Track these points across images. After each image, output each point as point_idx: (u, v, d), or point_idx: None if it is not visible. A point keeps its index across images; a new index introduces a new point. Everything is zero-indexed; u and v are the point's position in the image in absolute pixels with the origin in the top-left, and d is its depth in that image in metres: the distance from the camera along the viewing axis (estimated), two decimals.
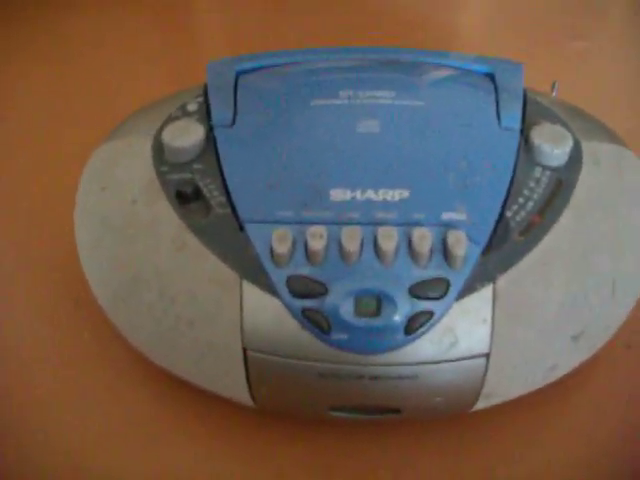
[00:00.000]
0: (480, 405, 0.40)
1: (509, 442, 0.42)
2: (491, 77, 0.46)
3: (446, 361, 0.37)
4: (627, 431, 0.43)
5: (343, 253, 0.36)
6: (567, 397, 0.44)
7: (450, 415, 0.42)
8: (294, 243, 0.37)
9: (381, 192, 0.38)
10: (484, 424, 0.42)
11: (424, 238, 0.36)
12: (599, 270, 0.39)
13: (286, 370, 0.38)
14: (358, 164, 0.39)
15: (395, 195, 0.38)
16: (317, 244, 0.36)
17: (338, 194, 0.38)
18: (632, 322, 0.43)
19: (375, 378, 0.37)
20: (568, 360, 0.40)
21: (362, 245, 0.37)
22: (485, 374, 0.38)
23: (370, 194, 0.38)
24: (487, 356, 0.37)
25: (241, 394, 0.40)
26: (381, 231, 0.37)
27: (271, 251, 0.37)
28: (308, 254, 0.36)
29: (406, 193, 0.38)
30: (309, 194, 0.38)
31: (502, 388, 0.40)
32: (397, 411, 0.40)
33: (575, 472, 0.41)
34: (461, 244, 0.36)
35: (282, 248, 0.36)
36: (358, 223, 0.37)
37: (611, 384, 0.45)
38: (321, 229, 0.37)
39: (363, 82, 0.44)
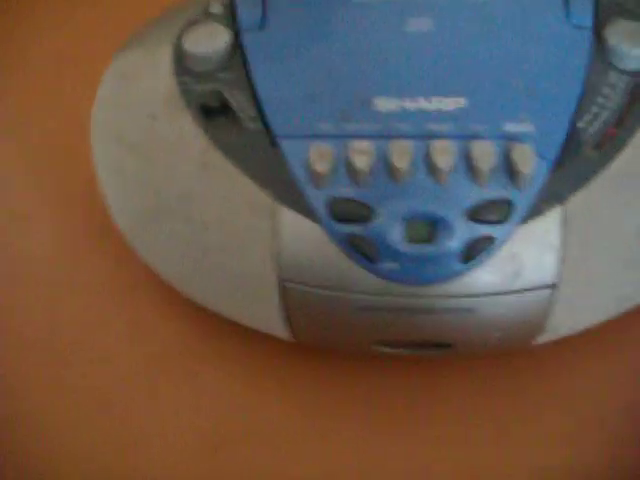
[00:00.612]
0: (542, 339, 0.36)
1: (567, 381, 0.38)
2: None
3: (509, 292, 0.33)
4: None
5: (392, 171, 0.32)
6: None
7: (506, 351, 0.38)
8: (335, 160, 0.32)
9: (434, 100, 0.33)
10: (543, 361, 0.38)
11: (485, 153, 0.32)
12: None
13: (328, 303, 0.34)
14: (407, 68, 0.34)
15: (450, 103, 0.33)
16: (362, 161, 0.32)
17: (385, 103, 0.33)
18: None
19: (428, 311, 0.33)
20: None
21: (413, 162, 0.32)
22: (551, 306, 0.34)
23: (421, 102, 0.33)
24: (554, 287, 0.33)
25: (279, 328, 0.36)
26: (435, 145, 0.32)
27: (309, 170, 0.32)
28: (351, 173, 0.32)
29: (463, 101, 0.33)
30: (351, 104, 0.33)
31: (569, 321, 0.36)
32: (448, 346, 0.36)
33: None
34: (527, 160, 0.32)
35: (322, 166, 0.32)
36: (408, 136, 0.32)
37: None
38: (366, 144, 0.32)
39: None
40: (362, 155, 0.32)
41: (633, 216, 0.34)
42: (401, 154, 0.32)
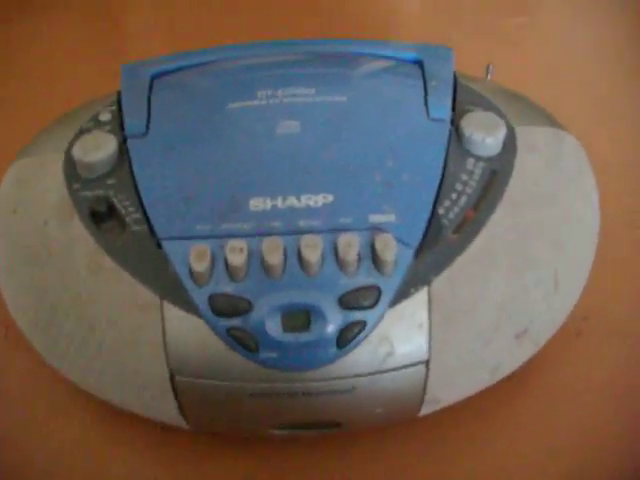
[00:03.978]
0: (424, 411, 0.38)
1: (456, 445, 0.41)
2: (420, 64, 0.44)
3: (384, 371, 0.35)
4: (581, 426, 0.41)
5: (266, 266, 0.34)
6: (515, 394, 0.42)
7: (395, 423, 0.40)
8: (213, 259, 0.35)
9: (303, 198, 0.36)
10: (431, 429, 0.41)
11: (351, 244, 0.34)
12: (539, 263, 0.38)
13: (217, 392, 0.36)
14: (278, 169, 0.37)
15: (318, 200, 0.36)
16: (237, 259, 0.34)
17: (258, 203, 0.36)
18: (580, 309, 0.41)
19: (310, 394, 0.35)
20: (513, 359, 0.39)
21: (285, 256, 0.35)
22: (426, 381, 0.36)
23: (292, 201, 0.36)
24: (427, 363, 0.36)
25: (173, 418, 0.38)
26: (304, 240, 0.34)
27: (190, 269, 0.34)
28: (229, 270, 0.34)
29: (330, 197, 0.36)
30: (228, 205, 0.36)
31: (445, 393, 0.38)
32: (338, 425, 0.38)
33: (525, 473, 0.39)
34: (390, 248, 0.34)
35: (201, 266, 0.34)
36: (280, 233, 0.35)
37: (561, 376, 0.43)
38: (241, 242, 0.34)
39: (282, 79, 0.42)
40: (237, 253, 0.34)
41: (493, 292, 0.36)
42: (273, 250, 0.34)
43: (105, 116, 0.42)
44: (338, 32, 0.61)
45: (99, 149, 0.39)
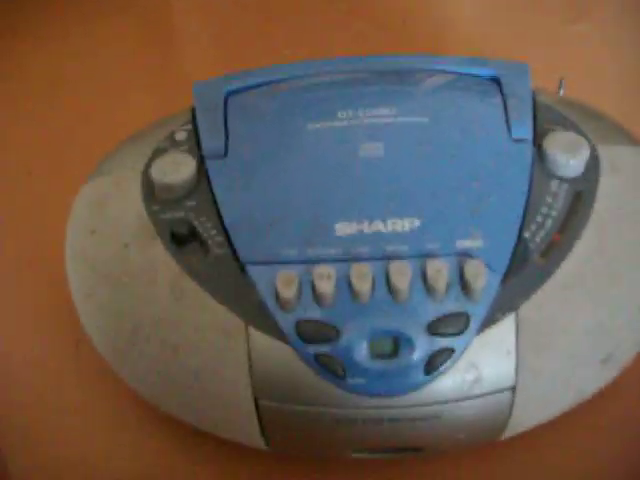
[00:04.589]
0: (506, 435, 0.38)
1: (534, 469, 0.40)
2: (496, 81, 0.43)
3: (470, 398, 0.35)
4: None
5: (354, 293, 0.34)
6: (595, 415, 0.42)
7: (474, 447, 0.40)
8: (300, 285, 0.34)
9: (390, 222, 0.36)
10: (510, 452, 0.40)
11: (440, 271, 0.34)
12: (626, 287, 0.37)
13: (301, 418, 0.35)
14: (363, 193, 0.37)
15: (405, 225, 0.36)
16: (325, 285, 0.34)
17: (344, 228, 0.36)
18: None
19: (396, 420, 0.35)
20: (596, 382, 0.38)
21: (374, 283, 0.34)
22: (512, 407, 0.36)
23: (378, 225, 0.36)
24: (513, 389, 0.35)
25: (254, 440, 0.38)
26: (393, 267, 0.34)
27: (277, 295, 0.34)
28: (316, 296, 0.34)
29: (417, 222, 0.36)
30: (313, 229, 0.36)
31: (529, 417, 0.38)
32: (419, 449, 0.37)
33: None
34: (480, 275, 0.34)
35: (288, 292, 0.34)
36: (368, 259, 0.35)
37: None
38: (328, 268, 0.34)
39: (361, 99, 0.41)
40: (325, 280, 0.34)
41: (580, 317, 0.36)
42: (361, 277, 0.34)
43: (181, 135, 0.41)
44: (404, 47, 0.60)
45: (178, 170, 0.39)
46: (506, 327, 0.35)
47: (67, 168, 0.49)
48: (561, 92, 0.48)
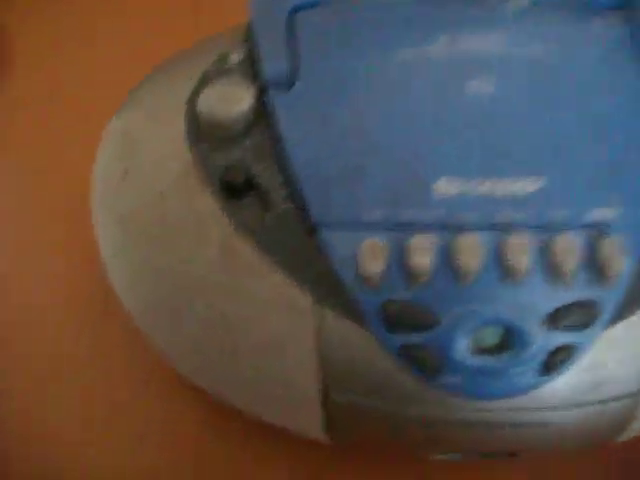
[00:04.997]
0: (621, 439, 0.31)
1: None
2: (623, 8, 0.34)
3: (589, 404, 0.28)
4: None
5: (457, 270, 0.27)
6: None
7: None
8: (389, 258, 0.27)
9: (505, 182, 0.28)
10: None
11: (569, 248, 0.27)
12: None
13: (380, 416, 0.29)
14: (471, 142, 0.29)
15: (525, 186, 0.28)
16: (421, 259, 0.27)
17: (446, 186, 0.28)
18: None
19: (495, 426, 0.29)
20: None
21: (482, 259, 0.27)
22: (634, 412, 0.29)
23: (490, 185, 0.28)
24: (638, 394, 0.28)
25: (317, 434, 0.31)
26: (509, 239, 0.27)
27: (358, 268, 0.27)
28: (409, 273, 0.27)
29: (540, 182, 0.28)
30: (406, 185, 0.28)
31: None
32: (514, 454, 0.31)
33: None
34: (619, 254, 0.27)
35: (374, 266, 0.27)
36: (476, 228, 0.27)
37: None
38: (426, 239, 0.27)
39: (464, 21, 0.32)
40: (422, 252, 0.27)
41: None
42: (468, 250, 0.27)
43: (236, 58, 0.33)
44: None
45: (232, 101, 0.31)
46: None
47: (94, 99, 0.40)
48: None
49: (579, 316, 0.27)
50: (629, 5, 0.34)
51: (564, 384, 0.28)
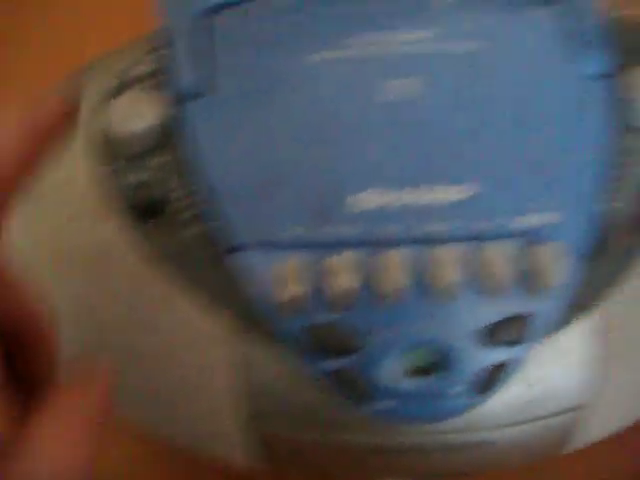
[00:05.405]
0: (568, 450, 0.30)
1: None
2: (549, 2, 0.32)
3: (533, 420, 0.27)
4: None
5: (382, 289, 0.25)
6: None
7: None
8: (311, 278, 0.25)
9: (431, 191, 0.26)
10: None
11: (500, 260, 0.25)
12: None
13: (312, 446, 0.27)
14: (394, 150, 0.27)
15: (452, 194, 0.26)
16: (343, 279, 0.25)
17: (368, 199, 0.26)
18: None
19: (435, 450, 0.27)
20: None
21: (409, 275, 0.25)
22: (581, 425, 0.28)
23: (414, 195, 0.26)
24: (586, 407, 0.27)
25: (250, 465, 0.29)
26: (436, 253, 0.25)
27: (278, 292, 0.25)
28: (331, 295, 0.25)
29: (469, 190, 0.26)
30: (325, 200, 0.26)
31: (601, 432, 0.29)
32: (462, 475, 0.29)
33: None
34: (555, 263, 0.25)
35: (293, 289, 0.25)
36: (400, 242, 0.25)
37: None
38: (347, 257, 0.25)
39: (387, 17, 0.30)
40: (343, 272, 0.25)
41: None
42: (392, 267, 0.25)
43: (145, 67, 0.31)
44: None
45: (141, 114, 0.29)
46: (584, 330, 0.26)
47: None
48: None
49: (513, 331, 0.25)
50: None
51: (501, 402, 0.26)
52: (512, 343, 0.25)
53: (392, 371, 0.25)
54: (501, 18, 0.31)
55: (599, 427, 0.29)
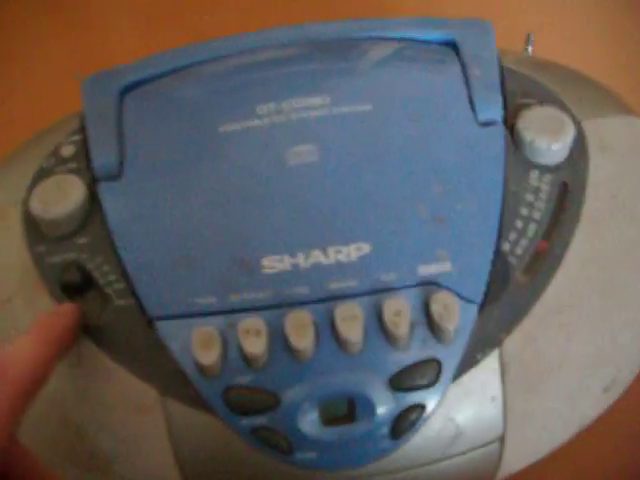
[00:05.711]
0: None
1: None
2: (453, 46, 0.35)
3: (451, 457, 0.28)
4: None
5: (292, 348, 0.26)
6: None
7: None
8: (224, 343, 0.27)
9: (332, 251, 0.28)
10: None
11: (400, 312, 0.27)
12: (628, 299, 0.30)
13: None
14: (295, 215, 0.29)
15: (351, 252, 0.28)
16: (254, 343, 0.26)
17: (274, 263, 0.28)
18: None
19: None
20: (597, 411, 0.31)
21: (317, 332, 0.27)
22: (501, 456, 0.29)
23: (317, 256, 0.28)
24: (502, 439, 0.28)
25: None
26: (340, 310, 0.27)
27: (195, 358, 0.27)
28: (245, 357, 0.27)
29: (366, 247, 0.28)
30: (234, 268, 0.28)
31: (523, 461, 0.31)
32: None
33: None
34: (451, 310, 0.27)
35: (208, 355, 0.26)
36: (306, 301, 0.27)
37: None
38: (257, 321, 0.27)
39: (286, 86, 0.32)
40: (253, 335, 0.26)
41: (578, 345, 0.29)
42: (300, 327, 0.27)
43: (68, 150, 0.33)
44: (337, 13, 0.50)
45: (64, 198, 0.30)
46: (488, 368, 0.28)
47: None
48: (529, 50, 0.40)
49: (422, 375, 0.27)
50: (456, 43, 0.34)
51: (423, 442, 0.28)
52: (422, 387, 0.27)
53: (310, 423, 0.27)
54: (400, 70, 0.33)
55: (523, 456, 0.30)
